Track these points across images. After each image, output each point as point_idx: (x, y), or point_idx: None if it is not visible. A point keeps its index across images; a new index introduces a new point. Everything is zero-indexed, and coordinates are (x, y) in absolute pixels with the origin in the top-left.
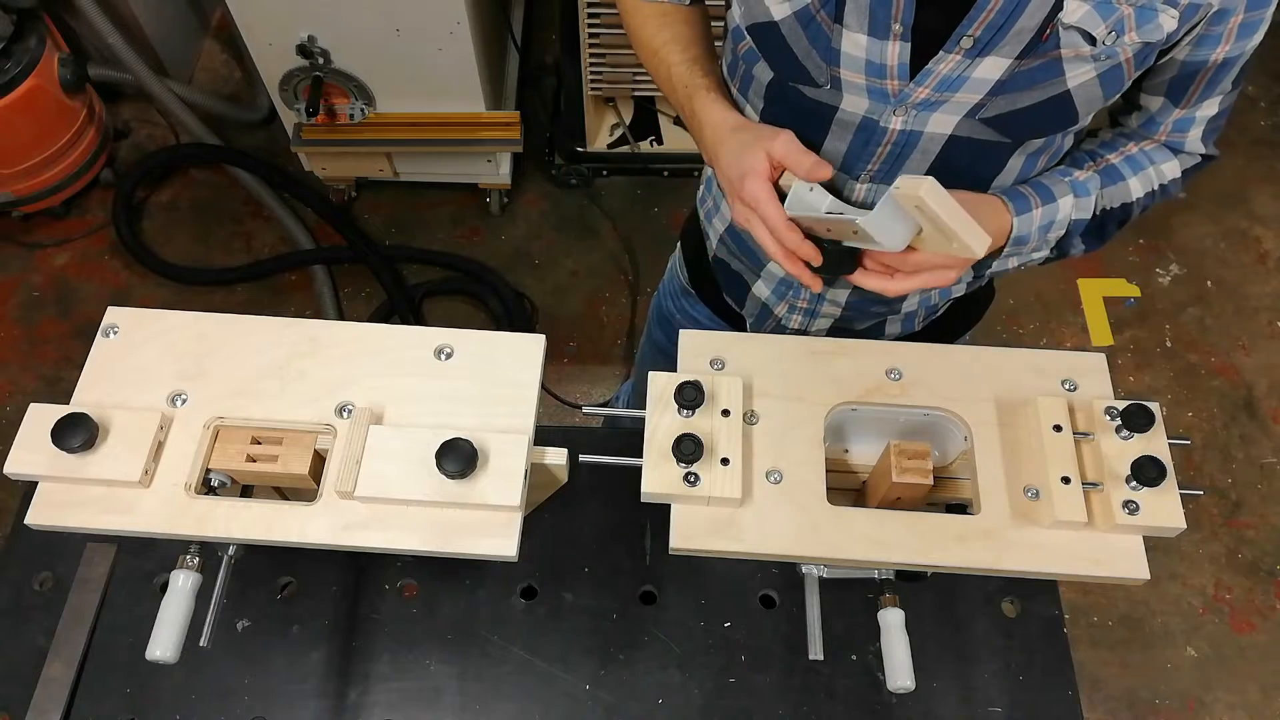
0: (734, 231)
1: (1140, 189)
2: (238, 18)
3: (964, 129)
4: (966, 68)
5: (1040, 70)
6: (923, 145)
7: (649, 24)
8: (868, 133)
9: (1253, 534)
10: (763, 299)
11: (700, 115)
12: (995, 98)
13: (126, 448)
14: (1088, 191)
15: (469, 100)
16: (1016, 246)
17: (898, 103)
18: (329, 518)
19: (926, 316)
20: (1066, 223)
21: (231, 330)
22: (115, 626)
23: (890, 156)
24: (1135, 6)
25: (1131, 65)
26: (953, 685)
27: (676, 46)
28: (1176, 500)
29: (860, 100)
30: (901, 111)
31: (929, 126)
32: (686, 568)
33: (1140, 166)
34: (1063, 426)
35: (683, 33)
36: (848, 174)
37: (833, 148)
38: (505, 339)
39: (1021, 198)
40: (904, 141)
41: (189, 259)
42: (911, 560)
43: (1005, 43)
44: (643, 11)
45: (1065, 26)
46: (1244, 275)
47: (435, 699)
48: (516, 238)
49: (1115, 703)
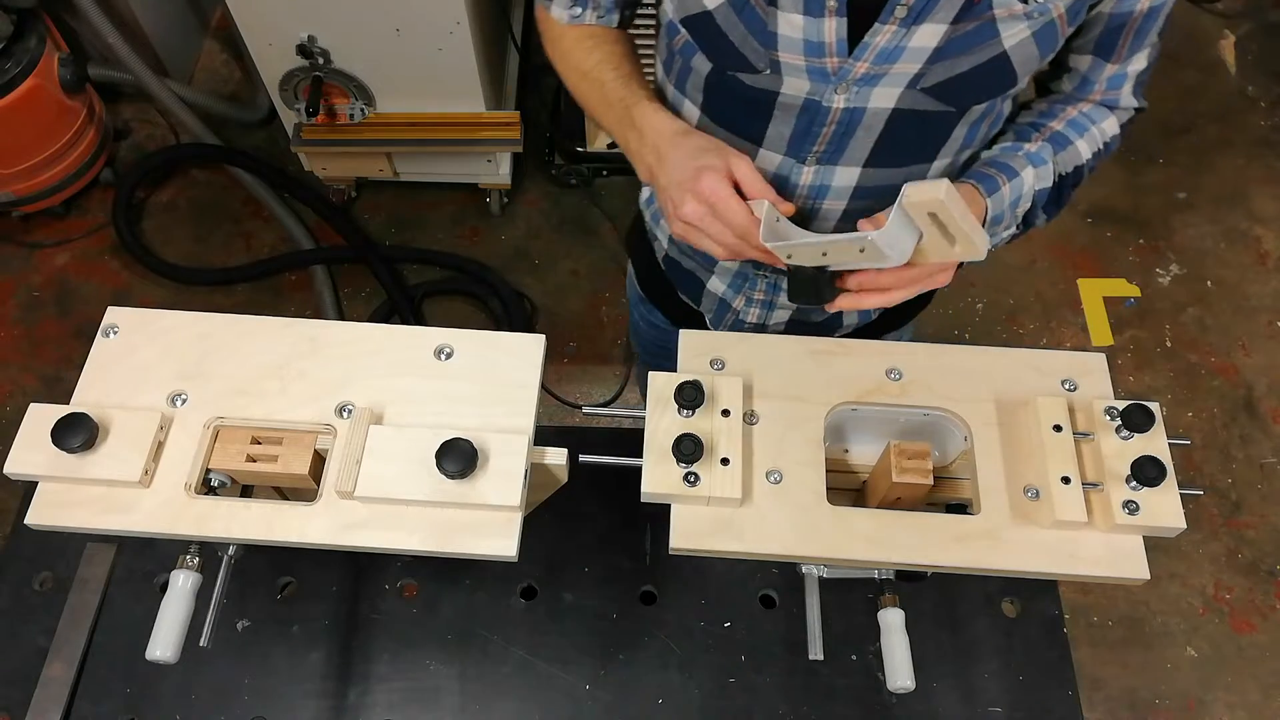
0: None
1: (1088, 150)
2: (238, 18)
3: (906, 101)
4: (903, 37)
5: (976, 33)
6: (866, 122)
7: (577, 48)
8: (811, 114)
9: (1253, 534)
10: (719, 294)
11: (641, 123)
12: (934, 65)
13: (126, 448)
14: (1044, 160)
15: (469, 100)
16: (993, 228)
17: (838, 80)
18: (329, 518)
19: None
20: (1031, 194)
21: (231, 330)
22: (115, 626)
23: (835, 136)
24: None
25: (1064, 21)
26: (953, 685)
27: (608, 65)
28: (1176, 500)
29: (801, 82)
30: (843, 89)
31: (871, 102)
32: (686, 568)
33: (1084, 128)
34: (1063, 426)
35: (614, 51)
36: (794, 158)
37: (776, 133)
38: (505, 339)
39: (988, 179)
40: (848, 120)
41: (189, 259)
42: (911, 560)
43: (939, 8)
44: (569, 36)
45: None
46: (1244, 275)
47: (435, 699)
48: (516, 238)
49: (1115, 703)
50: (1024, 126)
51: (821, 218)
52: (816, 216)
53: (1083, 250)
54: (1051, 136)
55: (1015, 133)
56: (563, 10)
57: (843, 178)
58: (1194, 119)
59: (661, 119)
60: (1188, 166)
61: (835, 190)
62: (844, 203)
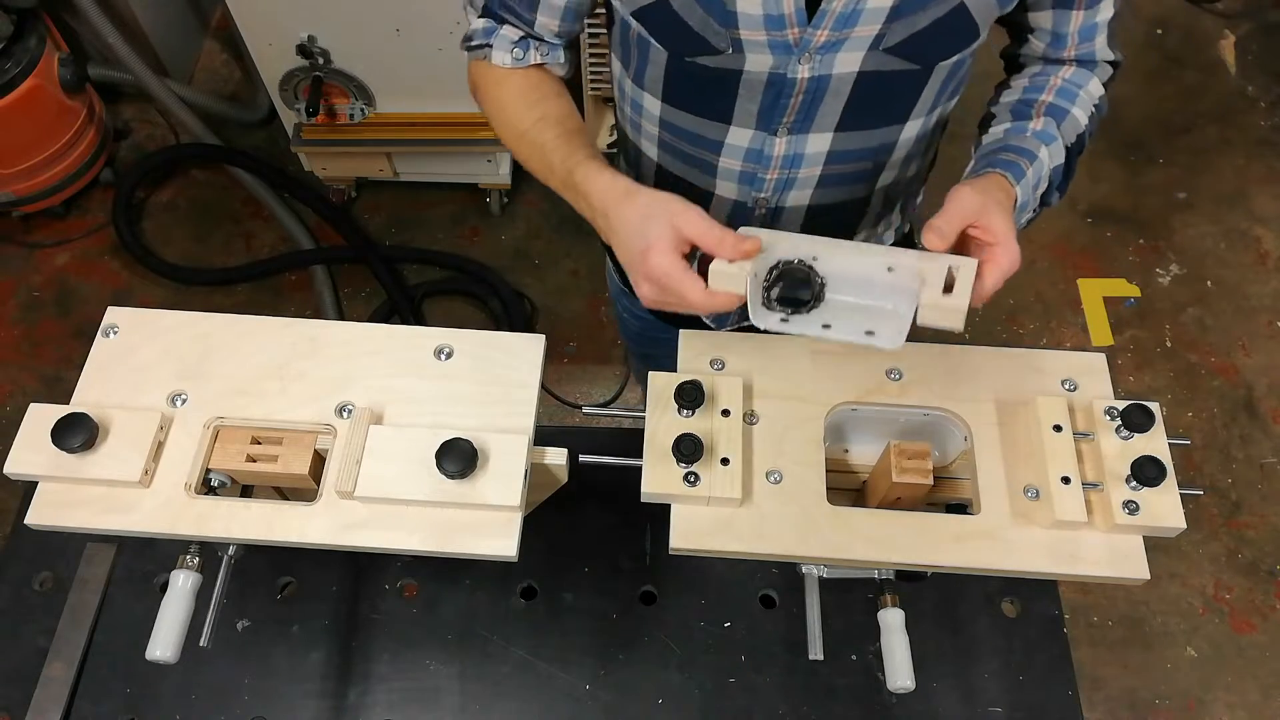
0: None
1: (1084, 116)
2: (238, 18)
3: (871, 63)
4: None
5: None
6: (833, 88)
7: (517, 102)
8: (777, 87)
9: (1253, 534)
10: None
11: (584, 186)
12: (894, 24)
13: (126, 448)
14: (1054, 136)
15: (469, 100)
16: (1019, 215)
17: (800, 51)
18: (329, 518)
19: None
20: (1048, 174)
21: (231, 330)
22: (115, 626)
23: (803, 106)
24: None
25: None
26: (953, 685)
27: (546, 124)
28: (1176, 500)
29: (763, 57)
30: (806, 59)
31: (836, 68)
32: (686, 568)
33: (1074, 94)
34: (1063, 426)
35: (551, 109)
36: (765, 131)
37: (744, 109)
38: (505, 339)
39: (1012, 165)
40: (814, 88)
41: (189, 259)
42: (911, 560)
43: None
44: (509, 87)
45: None
46: (1244, 275)
47: (435, 699)
48: (516, 238)
49: (1115, 703)
50: (1017, 104)
51: (798, 186)
52: (792, 186)
53: (1083, 250)
54: (1048, 110)
55: (1011, 112)
56: (505, 54)
57: (815, 144)
58: (1194, 119)
59: (604, 181)
60: (1188, 166)
61: (809, 158)
62: (819, 169)
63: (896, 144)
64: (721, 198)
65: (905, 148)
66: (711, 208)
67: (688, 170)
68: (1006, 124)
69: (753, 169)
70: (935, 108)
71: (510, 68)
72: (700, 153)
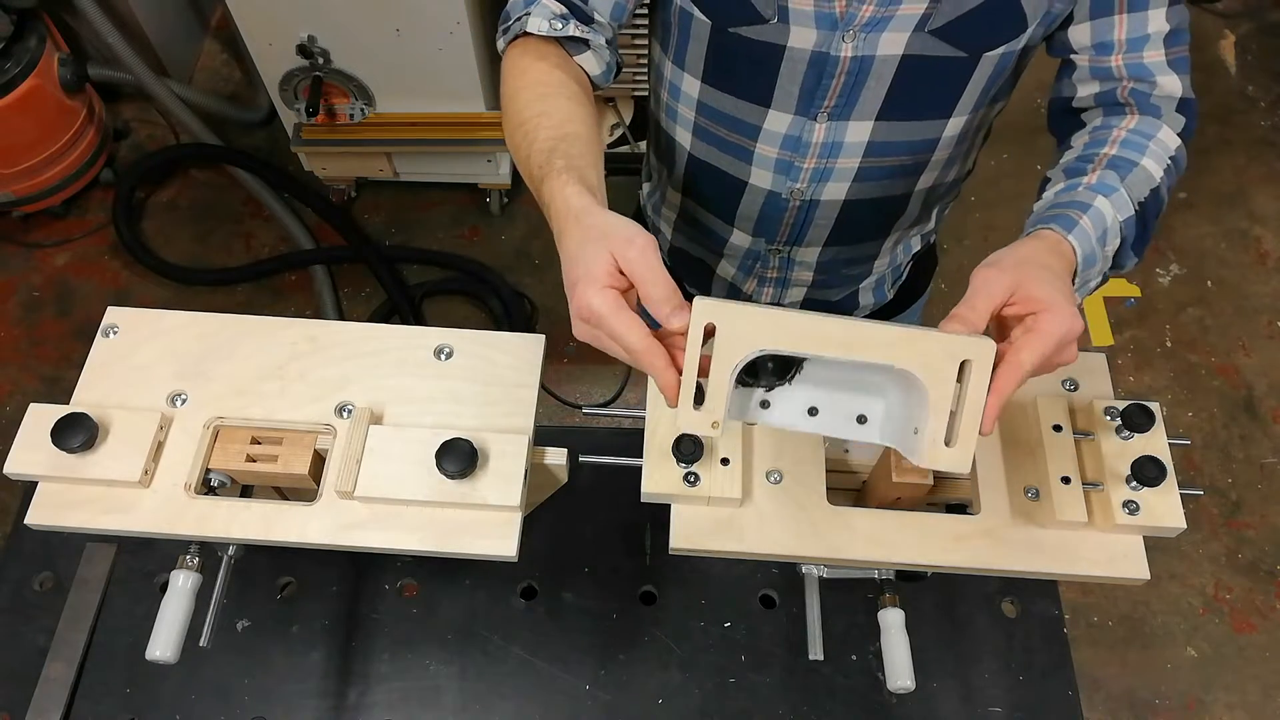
0: (688, 215)
1: (1157, 167)
2: (238, 18)
3: (916, 45)
4: None
5: None
6: (876, 70)
7: (526, 93)
8: (819, 66)
9: (1253, 534)
10: (729, 278)
11: (547, 196)
12: (940, 4)
13: (126, 448)
14: (1113, 187)
15: (469, 100)
16: (1085, 271)
17: (845, 26)
18: (329, 518)
19: (895, 280)
20: (1118, 228)
21: (231, 330)
22: (115, 626)
23: (845, 89)
24: None
25: None
26: (953, 685)
27: (547, 122)
28: (1176, 500)
29: (808, 32)
30: (850, 36)
31: (880, 49)
32: (686, 568)
33: (1142, 146)
34: (1063, 426)
35: (558, 108)
36: (804, 116)
37: (785, 91)
38: (505, 339)
39: (1061, 218)
40: (857, 69)
41: (189, 259)
42: (911, 560)
43: None
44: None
45: None
46: (1244, 275)
47: (435, 699)
48: (516, 238)
49: (1115, 703)
50: (1074, 163)
51: (836, 177)
52: (830, 177)
53: None
54: (1110, 163)
55: (1065, 171)
56: (543, 20)
57: (855, 133)
58: None
59: (566, 195)
60: (1188, 166)
61: (849, 147)
62: (857, 160)
63: (939, 141)
64: (756, 187)
65: (947, 147)
66: (745, 198)
67: (722, 157)
68: (1059, 185)
69: (790, 157)
70: (980, 107)
71: (545, 35)
72: (737, 138)
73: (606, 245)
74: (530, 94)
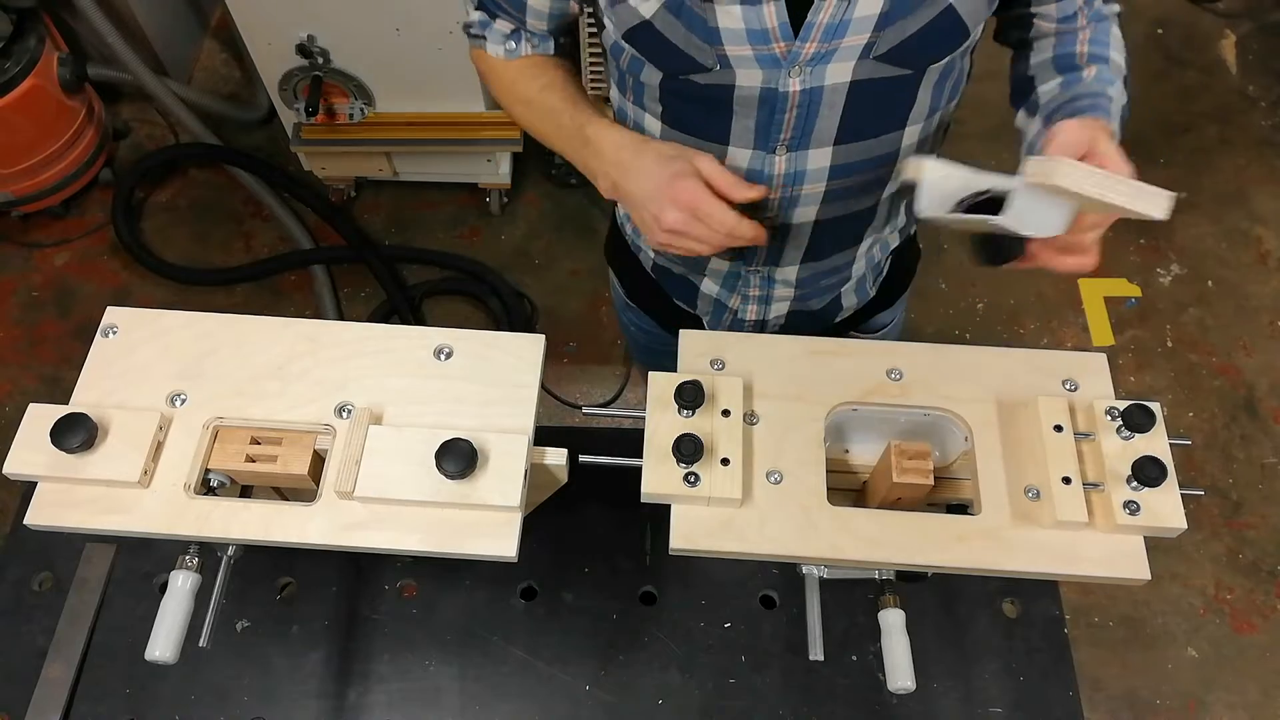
0: None
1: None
2: (237, 18)
3: (863, 72)
4: (845, 10)
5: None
6: (827, 99)
7: (519, 79)
8: (770, 103)
9: (1253, 534)
10: (713, 295)
11: (598, 140)
12: (883, 31)
13: (126, 448)
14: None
15: (469, 100)
16: None
17: (789, 64)
18: (329, 518)
19: (876, 279)
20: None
21: (231, 330)
22: (115, 626)
23: (799, 120)
24: None
25: None
26: (953, 685)
27: (552, 90)
28: (1177, 500)
29: (753, 73)
30: (796, 72)
31: (828, 79)
32: (686, 568)
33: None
34: (1063, 426)
35: (556, 77)
36: (763, 150)
37: (741, 127)
38: (505, 339)
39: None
40: (807, 102)
41: (188, 259)
42: (912, 560)
43: None
44: (510, 70)
45: None
46: (1244, 275)
47: (435, 699)
48: (516, 238)
49: (1115, 703)
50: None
51: (803, 203)
52: (798, 204)
53: None
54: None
55: (1055, 67)
56: (498, 47)
57: (816, 160)
58: (1194, 119)
59: (617, 132)
60: (1188, 166)
61: (811, 174)
62: (822, 185)
63: (899, 152)
64: None
65: (908, 155)
66: None
67: None
68: (1056, 79)
69: None
70: (934, 111)
71: (504, 59)
72: None
73: (686, 157)
74: (523, 75)
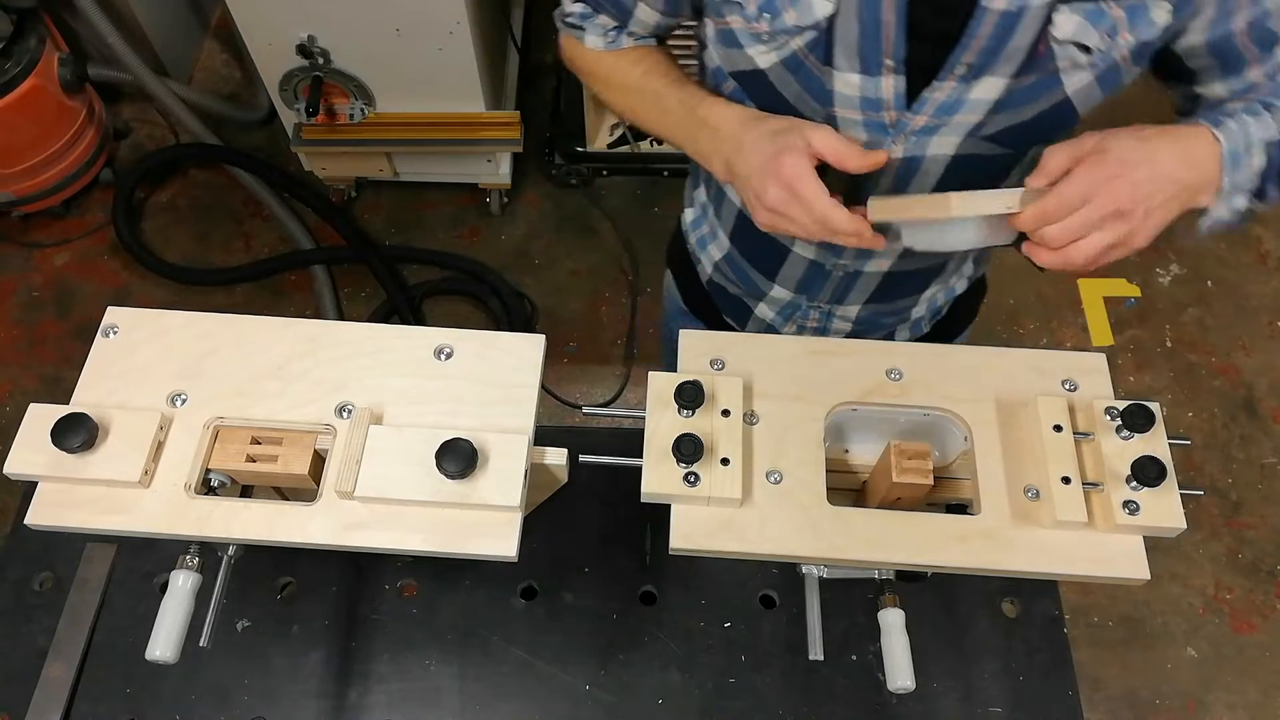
0: (732, 259)
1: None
2: (238, 18)
3: (966, 148)
4: (963, 91)
5: (1038, 85)
6: (925, 168)
7: (618, 66)
8: None
9: (1253, 534)
10: (767, 320)
11: (712, 118)
12: (995, 115)
13: (126, 448)
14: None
15: (469, 100)
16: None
17: (895, 132)
18: (329, 518)
19: (932, 319)
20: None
21: (231, 330)
22: (115, 626)
23: (892, 185)
24: (1126, 7)
25: (1129, 60)
26: (953, 685)
27: (656, 74)
28: (1177, 500)
29: (857, 133)
30: (901, 140)
31: (930, 150)
32: (686, 568)
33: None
34: (1063, 426)
35: (658, 61)
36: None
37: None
38: (505, 339)
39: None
40: (905, 169)
41: (189, 259)
42: (912, 560)
43: (1000, 64)
44: (607, 60)
45: (1059, 42)
46: (1244, 275)
47: (435, 699)
48: (516, 238)
49: (1115, 703)
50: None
51: (879, 255)
52: (873, 255)
53: None
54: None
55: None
56: (598, 39)
57: None
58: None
59: (731, 109)
60: None
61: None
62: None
63: None
64: (800, 256)
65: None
66: (788, 263)
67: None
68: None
69: None
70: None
71: (603, 50)
72: None
73: (802, 131)
74: (622, 61)
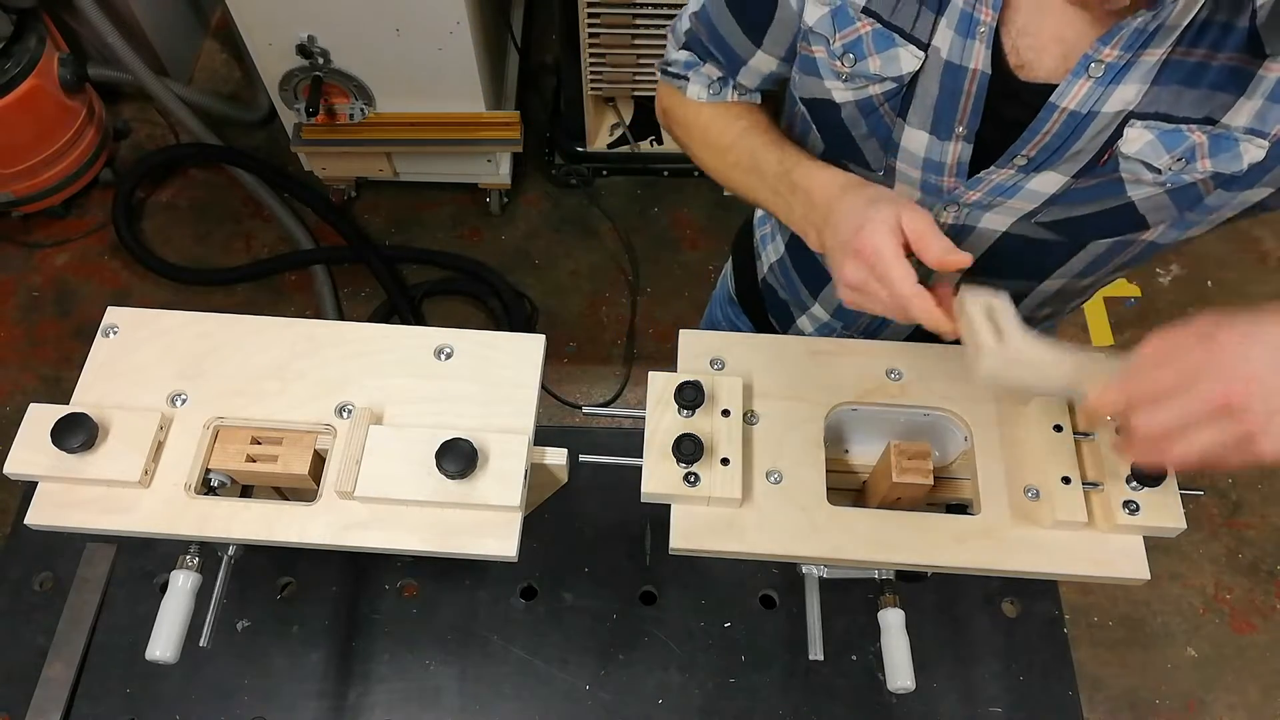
0: (785, 264)
1: None
2: (238, 18)
3: (1018, 229)
4: (1021, 180)
5: (1099, 187)
6: (972, 241)
7: (716, 120)
8: None
9: (1253, 534)
10: (807, 332)
11: (807, 184)
12: (1051, 206)
13: (126, 448)
14: None
15: (469, 100)
16: None
17: (949, 199)
18: (329, 518)
19: None
20: None
21: (231, 330)
22: (115, 626)
23: None
24: (1210, 135)
25: (1211, 185)
26: (953, 685)
27: (754, 133)
28: (1177, 500)
29: (911, 191)
30: (953, 207)
31: (981, 223)
32: (686, 568)
33: None
34: (1063, 426)
35: (758, 120)
36: None
37: None
38: (505, 339)
39: None
40: (952, 235)
41: (189, 259)
42: (912, 560)
43: (1060, 162)
44: (706, 114)
45: (1125, 156)
46: (1244, 275)
47: (435, 699)
48: (516, 238)
49: (1115, 703)
50: None
51: None
52: None
53: None
54: None
55: None
56: (702, 89)
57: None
58: None
59: (829, 174)
60: None
61: None
62: None
63: (1032, 294)
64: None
65: (1041, 297)
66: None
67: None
68: None
69: None
70: (1089, 274)
71: (705, 101)
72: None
73: (894, 205)
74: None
